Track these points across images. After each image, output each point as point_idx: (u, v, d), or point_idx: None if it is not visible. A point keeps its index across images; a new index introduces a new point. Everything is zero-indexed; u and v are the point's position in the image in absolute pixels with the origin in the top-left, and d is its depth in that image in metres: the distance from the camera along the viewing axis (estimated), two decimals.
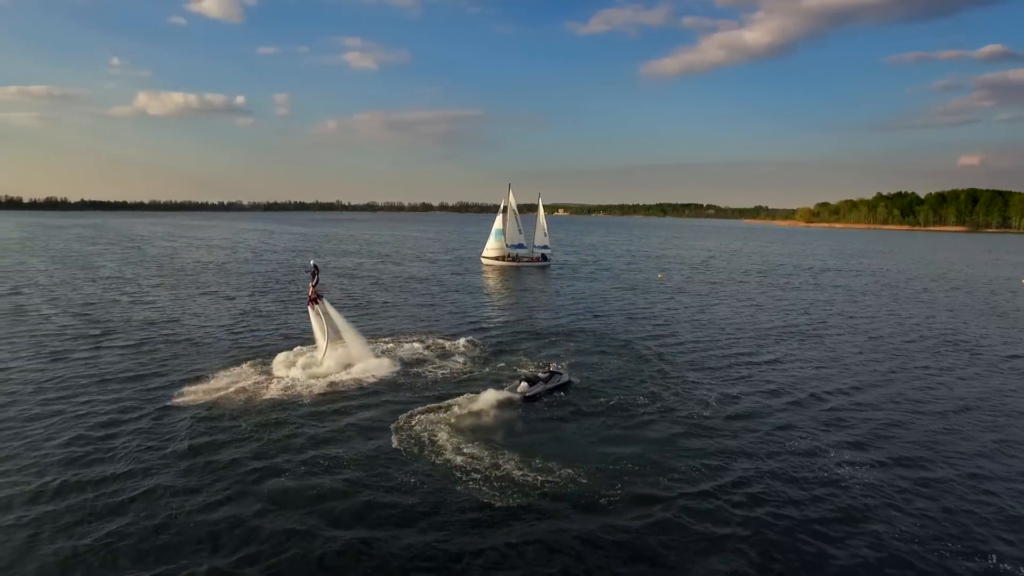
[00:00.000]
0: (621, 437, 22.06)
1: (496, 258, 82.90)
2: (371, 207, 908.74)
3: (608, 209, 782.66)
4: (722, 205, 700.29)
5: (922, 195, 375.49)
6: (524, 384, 26.79)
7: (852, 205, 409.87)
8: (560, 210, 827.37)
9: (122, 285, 59.01)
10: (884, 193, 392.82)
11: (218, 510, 16.31)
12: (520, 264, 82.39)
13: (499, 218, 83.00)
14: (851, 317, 49.08)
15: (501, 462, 19.25)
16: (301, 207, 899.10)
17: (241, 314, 44.55)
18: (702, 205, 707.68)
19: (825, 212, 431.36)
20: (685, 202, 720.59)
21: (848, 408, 26.18)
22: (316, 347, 30.69)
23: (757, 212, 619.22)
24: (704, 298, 57.57)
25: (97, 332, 37.38)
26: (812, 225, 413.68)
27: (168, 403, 24.30)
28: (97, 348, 33.47)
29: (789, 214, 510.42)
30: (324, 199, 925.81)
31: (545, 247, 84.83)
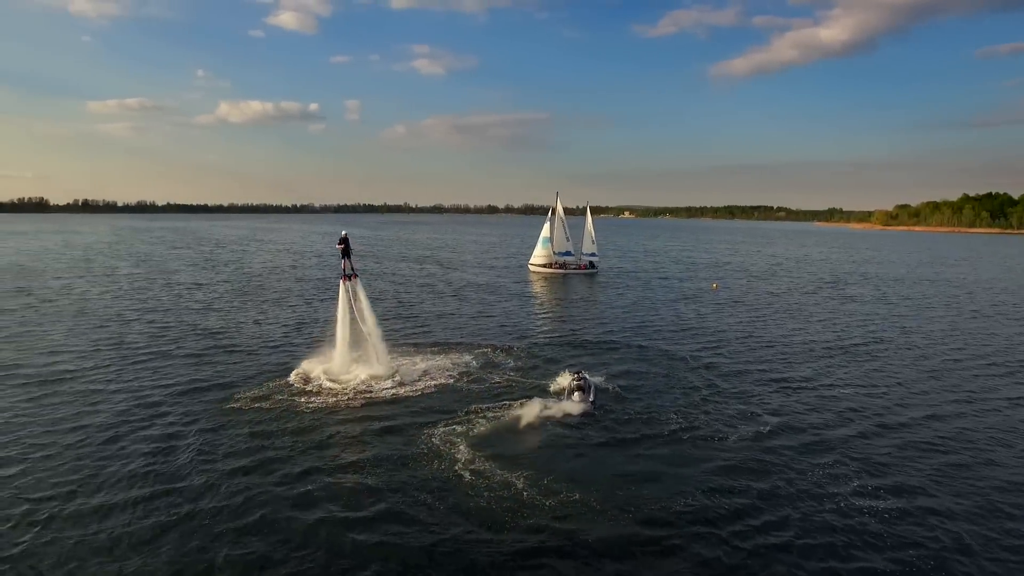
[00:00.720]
0: (650, 460, 21.76)
1: (543, 265, 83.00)
2: (438, 209, 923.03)
3: (675, 211, 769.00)
4: (793, 207, 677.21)
5: (1015, 196, 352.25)
6: (577, 394, 27.01)
7: (934, 207, 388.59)
8: (626, 212, 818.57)
9: (193, 291, 62.14)
10: (971, 194, 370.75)
11: (263, 522, 17.13)
12: (567, 272, 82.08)
13: (546, 225, 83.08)
14: (918, 335, 46.49)
15: (527, 479, 19.39)
16: (370, 209, 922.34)
17: (298, 323, 46.17)
18: (772, 207, 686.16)
19: (904, 215, 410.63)
20: (754, 204, 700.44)
21: (906, 446, 24.23)
22: (338, 339, 31.40)
23: (831, 214, 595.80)
24: (758, 311, 55.88)
25: (165, 337, 39.54)
26: (889, 228, 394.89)
27: (217, 412, 25.55)
28: (163, 356, 35.39)
29: (865, 216, 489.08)
30: (392, 201, 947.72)
31: (593, 255, 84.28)
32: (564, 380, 29.64)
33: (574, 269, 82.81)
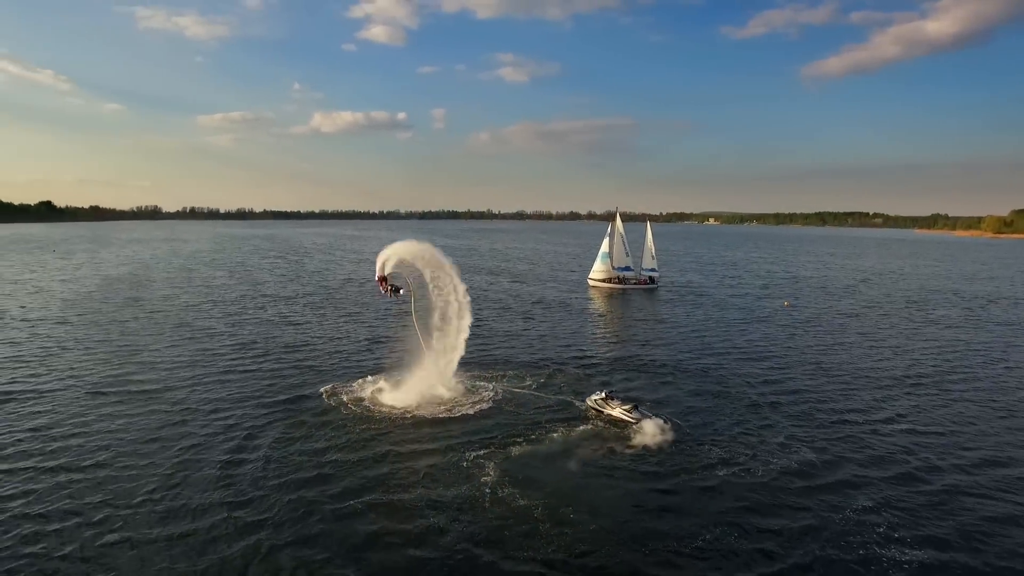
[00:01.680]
0: (680, 494, 22.30)
1: (603, 280, 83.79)
2: (520, 215, 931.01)
3: (762, 218, 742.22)
4: (892, 213, 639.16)
5: None
6: (636, 412, 29.40)
7: None
8: (711, 219, 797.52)
9: (277, 304, 66.51)
10: None
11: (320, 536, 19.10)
12: (626, 287, 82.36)
13: (605, 241, 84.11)
14: (1001, 367, 43.89)
15: (551, 507, 20.41)
16: (453, 215, 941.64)
17: (369, 339, 48.78)
18: (868, 213, 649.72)
19: (1021, 220, 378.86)
20: (848, 210, 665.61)
21: (953, 497, 23.35)
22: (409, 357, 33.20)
23: (934, 221, 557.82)
24: (829, 334, 54.25)
25: (248, 352, 42.95)
26: (1001, 236, 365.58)
27: (285, 426, 27.95)
28: (244, 370, 38.56)
29: (973, 223, 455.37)
30: (475, 208, 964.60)
31: (653, 270, 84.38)
32: (608, 404, 30.87)
33: (634, 284, 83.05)
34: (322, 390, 34.04)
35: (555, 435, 27.54)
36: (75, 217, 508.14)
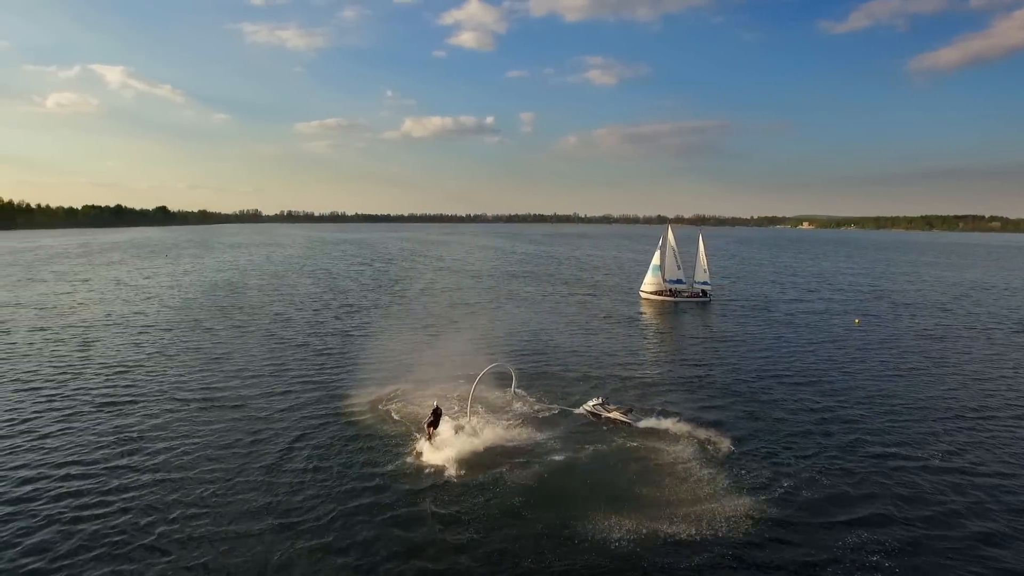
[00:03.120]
0: (709, 518, 22.49)
1: (654, 293, 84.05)
2: (606, 219, 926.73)
3: (860, 222, 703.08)
4: (1012, 216, 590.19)
5: None
6: (633, 415, 32.56)
7: None
8: (805, 223, 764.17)
9: (358, 315, 69.99)
10: None
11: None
12: (678, 299, 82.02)
13: (656, 254, 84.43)
14: None
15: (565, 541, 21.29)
16: (540, 219, 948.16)
17: (435, 359, 50.70)
18: (983, 216, 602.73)
19: None
20: (960, 213, 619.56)
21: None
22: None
23: None
24: (901, 358, 50.78)
25: (322, 368, 45.90)
26: None
27: (338, 447, 30.12)
28: (313, 385, 41.35)
29: None
30: (562, 211, 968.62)
31: (705, 283, 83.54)
32: (605, 409, 33.40)
33: (686, 297, 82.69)
34: (388, 405, 35.83)
35: (592, 447, 28.40)
36: (186, 220, 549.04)
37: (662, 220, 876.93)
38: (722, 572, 20.04)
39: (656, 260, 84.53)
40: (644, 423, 32.72)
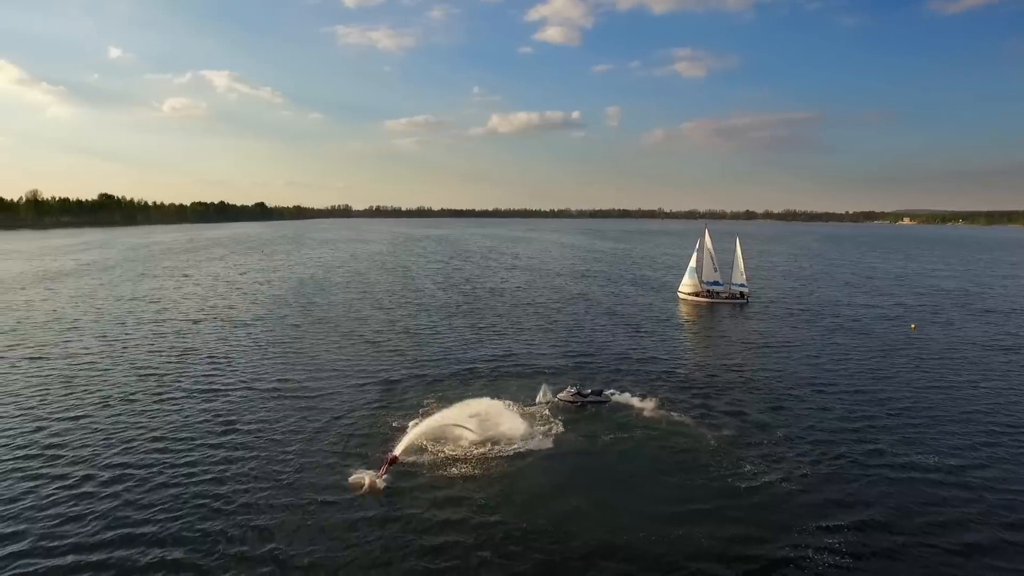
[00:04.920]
0: (716, 518, 22.90)
1: (691, 294, 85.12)
2: (692, 214, 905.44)
3: (970, 217, 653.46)
4: None
5: None
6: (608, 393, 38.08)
7: None
8: (906, 219, 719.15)
9: (427, 313, 73.49)
10: None
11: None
12: (715, 301, 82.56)
13: (694, 256, 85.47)
14: None
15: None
16: (624, 214, 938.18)
17: (490, 356, 53.09)
18: None
19: None
20: None
21: None
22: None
23: None
24: (952, 368, 48.39)
25: (379, 367, 49.18)
26: None
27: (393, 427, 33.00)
28: (376, 379, 44.61)
29: None
30: (646, 206, 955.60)
31: (743, 285, 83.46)
32: (581, 396, 37.77)
33: (725, 298, 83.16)
34: (431, 405, 38.47)
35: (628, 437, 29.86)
36: (282, 216, 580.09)
37: (750, 216, 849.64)
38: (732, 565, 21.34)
39: (693, 262, 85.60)
40: (651, 411, 36.52)
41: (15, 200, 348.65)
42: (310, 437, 32.84)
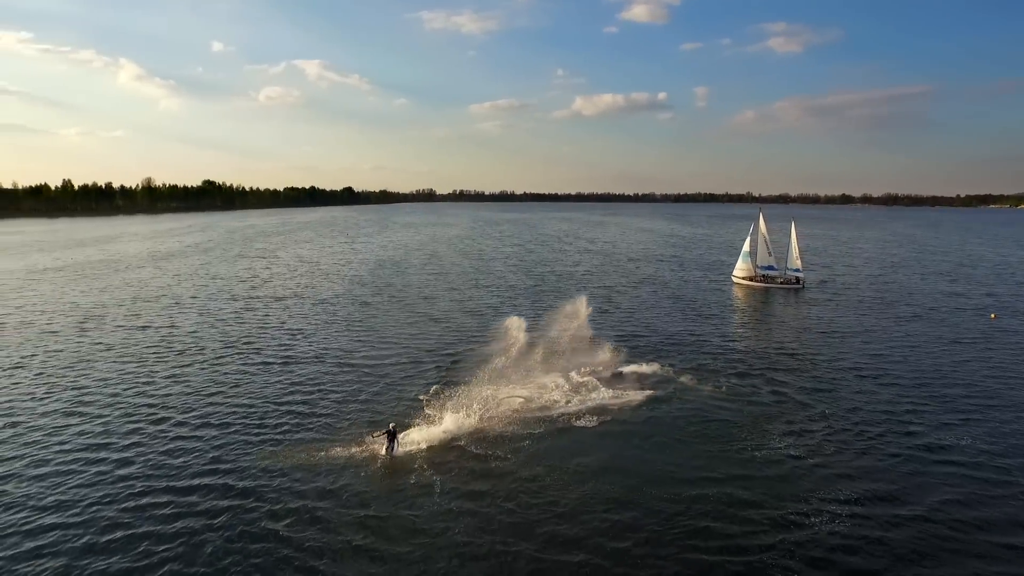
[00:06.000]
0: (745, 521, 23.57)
1: (745, 278, 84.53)
2: (783, 198, 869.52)
3: None
4: None
5: None
6: None
7: None
8: None
9: (492, 295, 76.27)
10: None
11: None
12: (769, 285, 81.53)
13: (747, 240, 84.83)
14: None
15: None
16: (710, 198, 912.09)
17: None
18: None
19: None
20: None
21: None
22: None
23: None
24: None
25: (447, 337, 52.21)
26: None
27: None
28: (428, 359, 47.58)
29: None
30: (734, 191, 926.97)
31: (797, 270, 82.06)
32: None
33: (779, 284, 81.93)
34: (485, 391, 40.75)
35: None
36: (368, 200, 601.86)
37: (846, 200, 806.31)
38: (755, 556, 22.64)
39: (747, 247, 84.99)
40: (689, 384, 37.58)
41: (133, 188, 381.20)
42: (365, 401, 36.10)
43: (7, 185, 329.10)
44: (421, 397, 36.53)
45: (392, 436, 28.94)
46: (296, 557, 20.87)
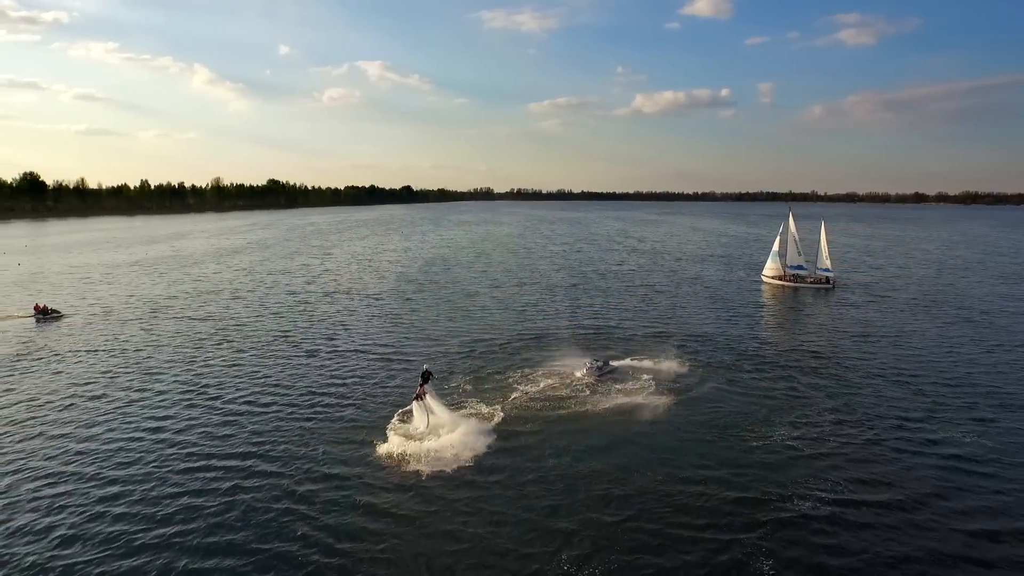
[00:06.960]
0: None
1: (774, 278, 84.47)
2: (850, 197, 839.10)
3: None
4: None
5: None
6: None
7: None
8: None
9: (534, 292, 78.47)
10: None
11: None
12: (799, 285, 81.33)
13: (777, 240, 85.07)
14: None
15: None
16: (772, 197, 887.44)
17: (552, 334, 56.93)
18: None
19: None
20: None
21: None
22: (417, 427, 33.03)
23: None
24: None
25: (486, 333, 54.74)
26: None
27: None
28: (462, 354, 50.17)
29: None
30: (798, 189, 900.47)
31: (827, 270, 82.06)
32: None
33: (809, 284, 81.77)
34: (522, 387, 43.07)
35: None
36: (427, 199, 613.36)
37: (919, 198, 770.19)
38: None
39: (776, 246, 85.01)
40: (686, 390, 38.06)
41: (203, 187, 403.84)
42: (395, 388, 39.06)
43: (93, 185, 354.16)
44: (447, 388, 39.19)
45: (426, 379, 32.74)
46: (309, 528, 23.80)
